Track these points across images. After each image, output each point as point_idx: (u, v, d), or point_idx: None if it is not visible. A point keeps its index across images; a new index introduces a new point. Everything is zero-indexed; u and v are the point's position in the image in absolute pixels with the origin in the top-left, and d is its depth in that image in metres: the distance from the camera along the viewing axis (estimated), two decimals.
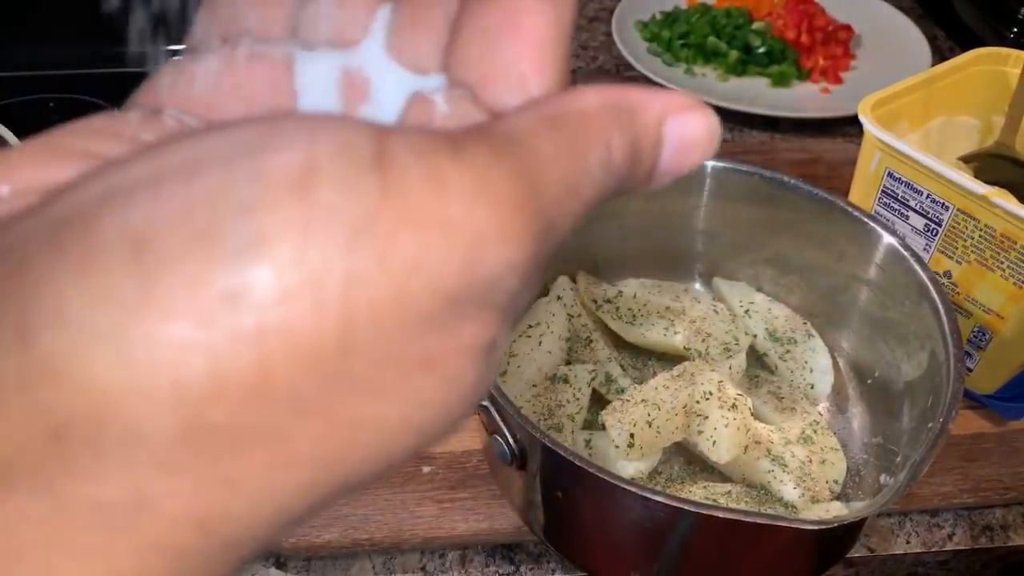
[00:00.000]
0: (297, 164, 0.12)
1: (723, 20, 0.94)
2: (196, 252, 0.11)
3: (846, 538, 0.46)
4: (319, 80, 0.18)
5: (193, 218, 0.11)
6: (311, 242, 0.11)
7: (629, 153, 0.15)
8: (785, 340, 0.58)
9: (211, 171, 0.12)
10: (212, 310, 0.11)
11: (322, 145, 0.12)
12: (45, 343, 0.11)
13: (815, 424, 0.53)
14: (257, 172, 0.12)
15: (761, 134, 0.85)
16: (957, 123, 0.63)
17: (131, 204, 0.12)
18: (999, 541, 0.52)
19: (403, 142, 0.13)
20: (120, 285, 0.11)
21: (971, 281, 0.54)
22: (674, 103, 0.16)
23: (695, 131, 0.16)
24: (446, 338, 0.13)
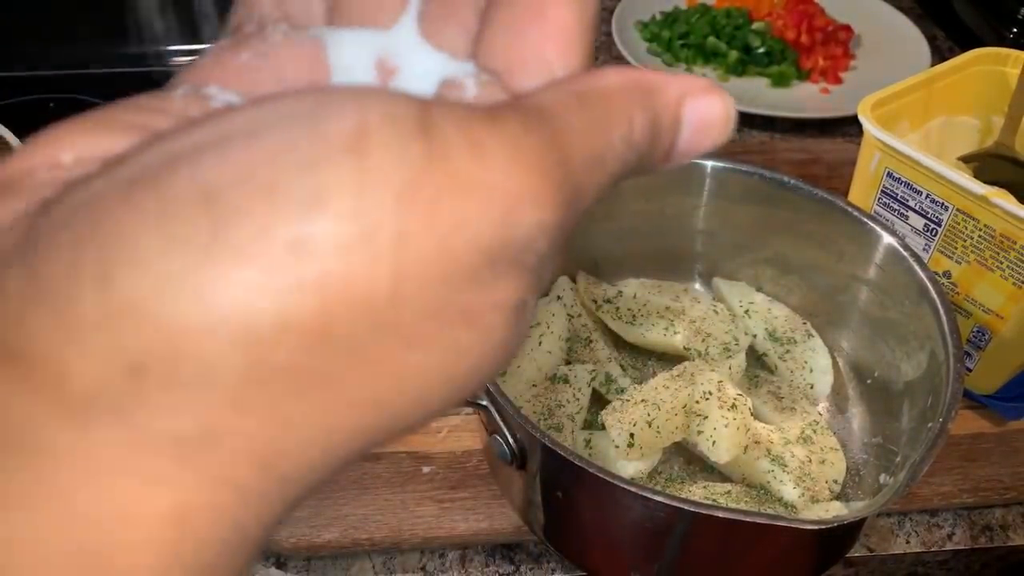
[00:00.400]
0: (351, 129, 0.13)
1: (723, 20, 0.94)
2: (262, 204, 0.12)
3: (846, 538, 0.46)
4: (353, 62, 0.18)
5: (258, 174, 0.12)
6: (365, 200, 0.12)
7: (649, 130, 0.16)
8: (785, 340, 0.58)
9: (273, 133, 0.13)
10: (278, 257, 0.12)
11: (373, 113, 0.13)
12: (125, 286, 0.12)
13: (815, 424, 0.53)
14: (316, 135, 0.13)
15: (761, 134, 0.85)
16: (957, 123, 0.63)
17: (199, 162, 0.13)
18: (999, 541, 0.52)
19: (444, 112, 0.13)
20: (194, 233, 0.12)
21: (971, 281, 0.54)
22: (693, 85, 0.17)
23: (712, 112, 0.17)
24: (483, 294, 0.14)
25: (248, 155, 0.12)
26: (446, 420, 0.55)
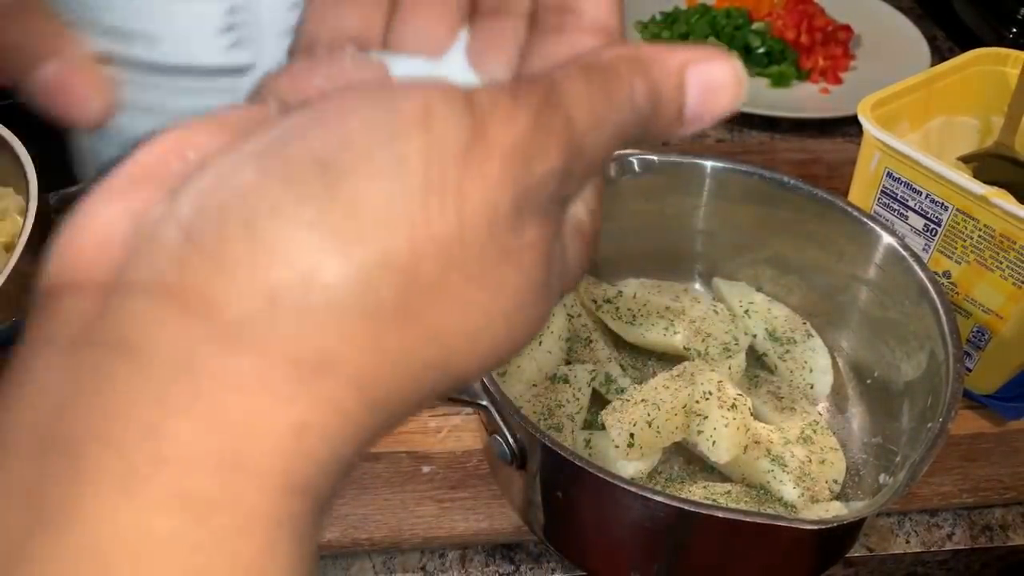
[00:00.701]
0: (418, 107, 0.16)
1: (723, 20, 0.94)
2: (363, 167, 0.15)
3: (846, 538, 0.46)
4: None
5: (355, 143, 0.15)
6: (433, 162, 0.16)
7: (650, 94, 0.18)
8: (785, 340, 0.58)
9: (361, 112, 0.16)
10: (379, 209, 0.15)
11: (433, 96, 0.16)
12: (266, 231, 0.15)
13: (815, 424, 0.53)
14: (393, 112, 0.16)
15: (761, 134, 0.85)
16: (957, 123, 0.63)
17: (310, 137, 0.16)
18: (999, 541, 0.52)
19: (483, 94, 0.17)
20: (314, 191, 0.15)
21: (970, 281, 0.54)
22: (695, 53, 0.19)
23: (718, 76, 0.19)
24: (517, 236, 0.17)
25: (345, 130, 0.16)
26: (446, 420, 0.55)
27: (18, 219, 0.56)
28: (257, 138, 0.16)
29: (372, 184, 0.15)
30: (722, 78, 0.19)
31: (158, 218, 0.16)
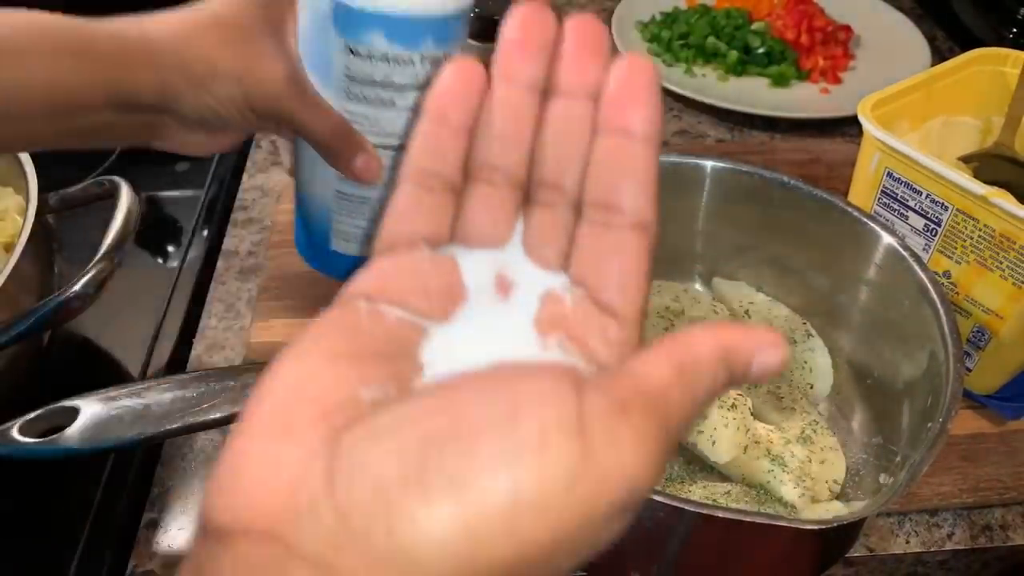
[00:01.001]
0: (535, 433, 0.19)
1: (723, 21, 0.94)
2: (486, 486, 0.18)
3: (846, 538, 0.46)
4: (480, 279, 0.25)
5: (485, 467, 0.18)
6: (546, 483, 0.18)
7: (728, 381, 0.22)
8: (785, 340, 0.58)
9: (488, 437, 0.19)
10: (500, 521, 0.18)
11: (549, 420, 0.19)
12: (403, 539, 0.18)
13: (815, 424, 0.53)
14: (514, 440, 0.18)
15: (761, 134, 0.85)
16: (957, 123, 0.63)
17: (444, 454, 0.18)
18: (999, 541, 0.52)
19: (595, 412, 0.19)
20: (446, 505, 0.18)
21: (970, 281, 0.54)
22: (762, 340, 0.22)
23: (773, 363, 0.22)
24: (603, 533, 0.20)
25: (475, 456, 0.18)
26: None
27: (18, 219, 0.56)
28: (399, 444, 0.19)
29: (492, 499, 0.18)
30: (775, 363, 0.22)
31: (318, 492, 0.19)
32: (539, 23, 0.25)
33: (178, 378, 0.44)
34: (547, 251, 0.25)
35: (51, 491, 0.52)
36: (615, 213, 0.24)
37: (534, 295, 0.24)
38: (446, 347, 0.23)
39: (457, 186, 0.25)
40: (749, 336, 0.22)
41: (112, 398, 0.43)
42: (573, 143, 0.25)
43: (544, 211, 0.25)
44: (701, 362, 0.21)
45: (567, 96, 0.25)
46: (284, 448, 0.20)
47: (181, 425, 0.42)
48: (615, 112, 0.24)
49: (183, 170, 0.76)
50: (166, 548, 0.50)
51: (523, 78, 0.25)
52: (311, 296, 0.63)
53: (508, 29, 0.25)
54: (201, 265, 0.68)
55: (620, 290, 0.24)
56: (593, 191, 0.25)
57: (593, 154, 0.25)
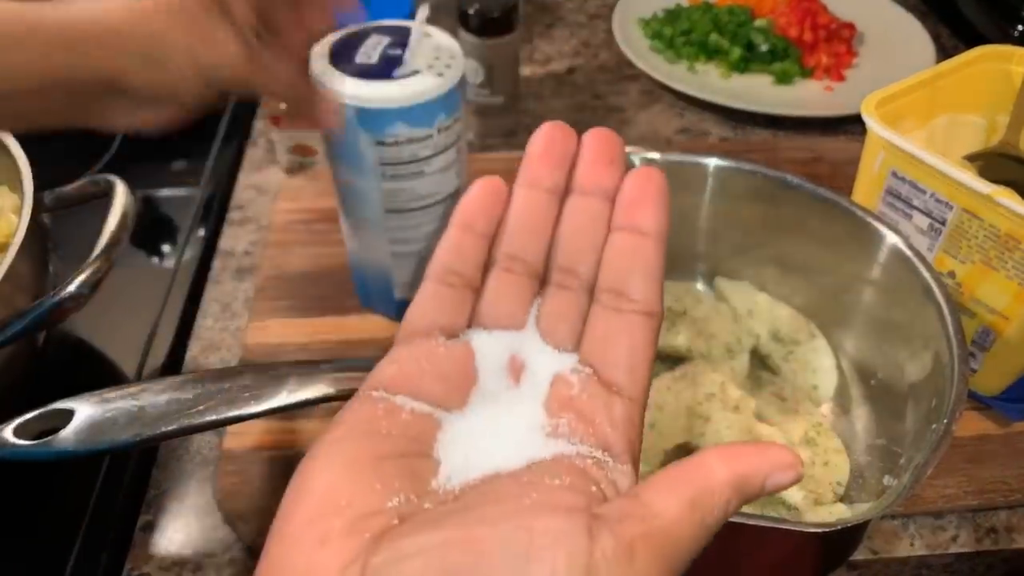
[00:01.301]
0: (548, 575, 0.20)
1: (725, 17, 0.94)
2: None
3: (850, 540, 0.45)
4: (494, 362, 0.26)
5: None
6: None
7: (740, 504, 0.23)
8: (788, 341, 0.58)
9: (504, 570, 0.20)
10: None
11: (560, 561, 0.20)
12: None
13: (818, 426, 0.53)
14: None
15: (764, 132, 0.85)
16: (962, 121, 0.62)
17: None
18: (1004, 543, 0.52)
19: (602, 556, 0.20)
20: None
21: (975, 281, 0.54)
22: (777, 463, 0.23)
23: (787, 481, 0.23)
24: None
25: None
26: None
27: (12, 218, 0.55)
28: (417, 561, 0.20)
29: None
30: (789, 481, 0.23)
31: None
32: (561, 138, 0.28)
33: (174, 379, 0.43)
34: (560, 331, 0.27)
35: (46, 494, 0.51)
36: (625, 300, 0.26)
37: (545, 378, 0.26)
38: (459, 440, 0.24)
39: (476, 284, 0.28)
40: (764, 459, 0.23)
41: (107, 399, 0.42)
42: (589, 234, 0.28)
43: (559, 293, 0.28)
44: (714, 491, 0.22)
45: (584, 194, 0.28)
46: (321, 559, 0.21)
47: (177, 427, 0.42)
48: (629, 212, 0.27)
49: (179, 169, 0.75)
50: (162, 551, 0.50)
51: (545, 183, 0.28)
52: (307, 296, 0.63)
53: (533, 143, 0.28)
54: (197, 265, 0.67)
55: (627, 370, 0.25)
56: (606, 279, 0.27)
57: (607, 247, 0.27)
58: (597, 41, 0.98)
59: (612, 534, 0.21)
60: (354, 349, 0.60)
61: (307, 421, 0.55)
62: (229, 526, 0.51)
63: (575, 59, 0.95)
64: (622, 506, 0.22)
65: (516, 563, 0.20)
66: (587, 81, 0.91)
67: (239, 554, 0.50)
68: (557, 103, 0.88)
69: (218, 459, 0.53)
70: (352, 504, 0.22)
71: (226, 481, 0.51)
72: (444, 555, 0.20)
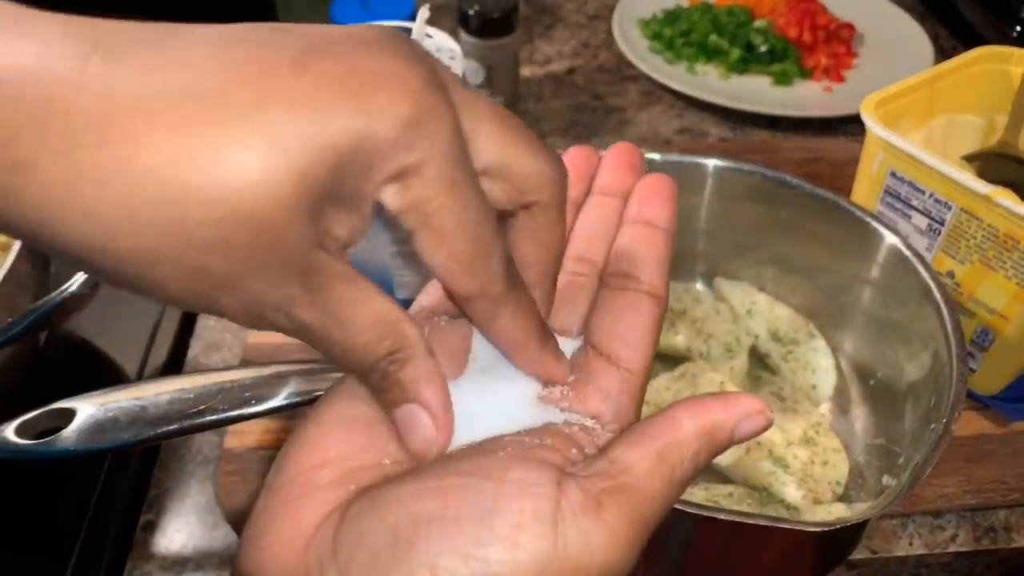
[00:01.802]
0: (511, 526, 0.20)
1: (725, 18, 0.94)
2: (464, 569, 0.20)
3: (848, 540, 0.45)
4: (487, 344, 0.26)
5: (460, 551, 0.20)
6: (520, 570, 0.20)
7: (709, 456, 0.23)
8: (787, 341, 0.58)
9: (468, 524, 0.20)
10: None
11: (526, 513, 0.20)
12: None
13: (817, 425, 0.53)
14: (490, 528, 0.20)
15: (763, 133, 0.85)
16: (960, 122, 0.62)
17: (428, 539, 0.20)
18: (1002, 543, 0.52)
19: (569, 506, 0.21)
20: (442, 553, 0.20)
21: (974, 281, 0.54)
22: (744, 411, 0.23)
23: (755, 428, 0.24)
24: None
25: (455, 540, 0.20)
26: None
27: None
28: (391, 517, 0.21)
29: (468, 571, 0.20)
30: (758, 429, 0.24)
31: (326, 555, 0.21)
32: (584, 159, 0.30)
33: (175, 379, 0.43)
34: (565, 317, 0.28)
35: (48, 493, 0.51)
36: (633, 280, 0.27)
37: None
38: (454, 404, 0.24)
39: None
40: (730, 409, 0.23)
41: (109, 399, 0.42)
42: (603, 226, 0.29)
43: (571, 280, 0.28)
44: (683, 444, 0.23)
45: (603, 194, 0.30)
46: (305, 507, 0.22)
47: (178, 427, 0.42)
48: (641, 207, 0.29)
49: None
50: (163, 550, 0.50)
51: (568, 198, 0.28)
52: None
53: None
54: None
55: (629, 344, 0.26)
56: (616, 264, 0.28)
57: (619, 237, 0.29)
58: (597, 42, 0.98)
59: (580, 488, 0.21)
60: None
61: None
62: (230, 525, 0.51)
63: (575, 60, 0.95)
64: (592, 463, 0.23)
65: (482, 511, 0.20)
66: (587, 82, 0.91)
67: None
68: (557, 104, 0.88)
69: (219, 459, 0.53)
70: (342, 458, 0.23)
71: (227, 480, 0.52)
72: (415, 503, 0.21)
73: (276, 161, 0.19)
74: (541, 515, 0.21)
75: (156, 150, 0.18)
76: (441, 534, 0.20)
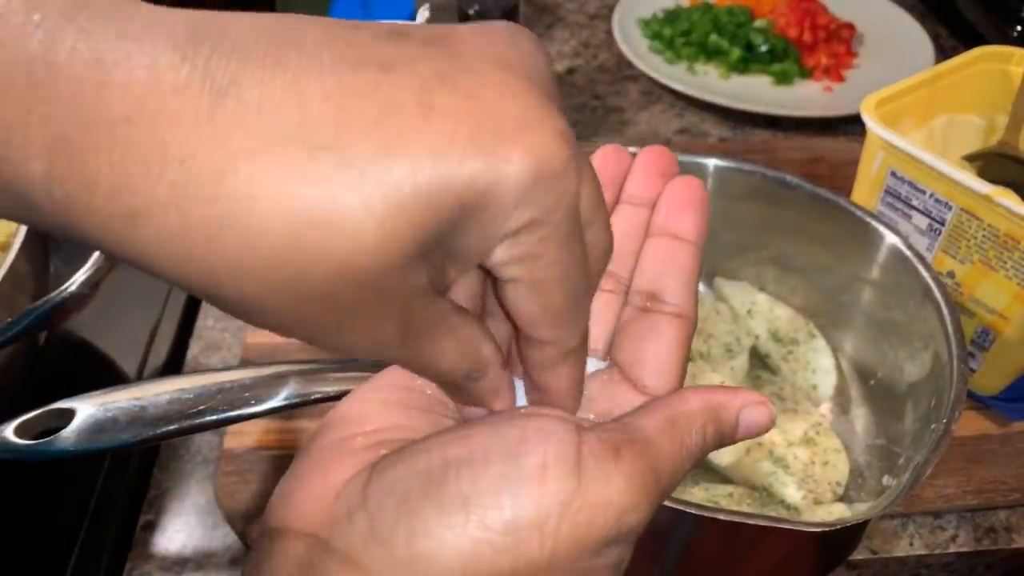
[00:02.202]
0: (538, 464, 0.21)
1: (725, 18, 0.94)
2: (494, 509, 0.21)
3: (849, 540, 0.45)
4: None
5: (489, 490, 0.21)
6: (543, 510, 0.21)
7: (717, 436, 0.24)
8: (787, 341, 0.58)
9: (497, 463, 0.21)
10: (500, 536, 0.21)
11: (550, 455, 0.21)
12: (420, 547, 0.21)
13: (818, 425, 0.53)
14: (519, 468, 0.21)
15: (763, 133, 0.85)
16: (960, 122, 0.62)
17: (459, 478, 0.21)
18: (1003, 543, 0.52)
19: (590, 452, 0.22)
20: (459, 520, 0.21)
21: (975, 281, 0.54)
22: (749, 399, 0.25)
23: (759, 418, 0.25)
24: (599, 561, 0.22)
25: (484, 479, 0.21)
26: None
27: None
28: (422, 462, 0.22)
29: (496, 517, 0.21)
30: (763, 419, 0.25)
31: (355, 503, 0.22)
32: (615, 161, 0.29)
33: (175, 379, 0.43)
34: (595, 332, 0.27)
35: (47, 493, 0.51)
36: (659, 302, 0.27)
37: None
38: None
39: None
40: (735, 396, 0.25)
41: (108, 399, 0.42)
42: (630, 240, 0.28)
43: (597, 296, 0.27)
44: (691, 416, 0.24)
45: (632, 204, 0.29)
46: (336, 467, 0.23)
47: (178, 427, 0.42)
48: (668, 218, 0.28)
49: None
50: (163, 550, 0.50)
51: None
52: None
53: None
54: None
55: (655, 371, 0.26)
56: (641, 282, 0.27)
57: (644, 252, 0.28)
58: (597, 42, 0.98)
59: (598, 438, 0.22)
60: None
61: (307, 421, 0.55)
62: (229, 526, 0.51)
63: (575, 60, 0.95)
64: (608, 423, 0.24)
65: (508, 454, 0.21)
66: (587, 81, 0.91)
67: (239, 554, 0.50)
68: None
69: (218, 459, 0.53)
70: (378, 430, 0.24)
71: (226, 481, 0.52)
72: (443, 451, 0.22)
73: (394, 223, 0.18)
74: (565, 457, 0.21)
75: (271, 206, 0.17)
76: (471, 474, 0.21)
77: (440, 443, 0.22)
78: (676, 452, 0.23)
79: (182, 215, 0.17)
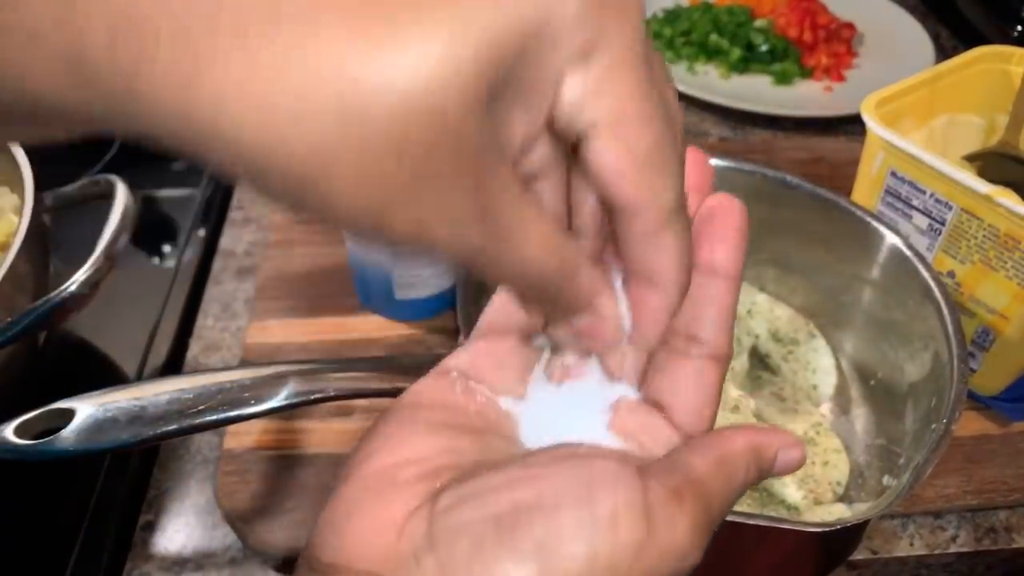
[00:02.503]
0: (608, 512, 0.21)
1: (725, 18, 0.94)
2: (563, 555, 0.21)
3: (849, 540, 0.45)
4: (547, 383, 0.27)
5: (564, 537, 0.21)
6: (615, 557, 0.21)
7: (757, 474, 0.25)
8: (788, 341, 0.58)
9: (568, 510, 0.21)
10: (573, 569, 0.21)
11: (620, 503, 0.22)
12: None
13: (818, 425, 0.53)
14: (591, 515, 0.21)
15: (763, 133, 0.85)
16: (961, 122, 0.62)
17: (531, 526, 0.21)
18: (1003, 543, 0.52)
19: (655, 498, 0.22)
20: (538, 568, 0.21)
21: (975, 281, 0.54)
22: (786, 441, 0.25)
23: (795, 459, 0.26)
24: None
25: (555, 526, 0.21)
26: None
27: (13, 218, 0.55)
28: (489, 504, 0.22)
29: (572, 562, 0.21)
30: (796, 459, 0.25)
31: (421, 545, 0.21)
32: (695, 169, 0.28)
33: (174, 379, 0.43)
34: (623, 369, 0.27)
35: (47, 493, 0.51)
36: (694, 343, 0.26)
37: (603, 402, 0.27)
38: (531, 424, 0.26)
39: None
40: (773, 437, 0.25)
41: (108, 399, 0.42)
42: None
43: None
44: (736, 455, 0.24)
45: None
46: (392, 499, 0.23)
47: (177, 427, 0.42)
48: (703, 249, 0.26)
49: (179, 169, 0.75)
50: (162, 550, 0.50)
51: None
52: (308, 297, 0.63)
53: None
54: (197, 265, 0.68)
55: (691, 413, 0.26)
56: (676, 322, 0.26)
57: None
58: None
59: (659, 482, 0.23)
60: (354, 349, 0.60)
61: (307, 421, 0.55)
62: (229, 526, 0.51)
63: None
64: (662, 463, 0.24)
65: (578, 499, 0.21)
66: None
67: (239, 554, 0.50)
68: None
69: (218, 459, 0.53)
70: (423, 459, 0.24)
71: (226, 481, 0.51)
72: (511, 494, 0.22)
73: (456, 46, 0.17)
74: (633, 504, 0.22)
75: (331, 41, 0.17)
76: (544, 519, 0.21)
77: (506, 483, 0.22)
78: (726, 491, 0.24)
79: (245, 57, 0.17)
